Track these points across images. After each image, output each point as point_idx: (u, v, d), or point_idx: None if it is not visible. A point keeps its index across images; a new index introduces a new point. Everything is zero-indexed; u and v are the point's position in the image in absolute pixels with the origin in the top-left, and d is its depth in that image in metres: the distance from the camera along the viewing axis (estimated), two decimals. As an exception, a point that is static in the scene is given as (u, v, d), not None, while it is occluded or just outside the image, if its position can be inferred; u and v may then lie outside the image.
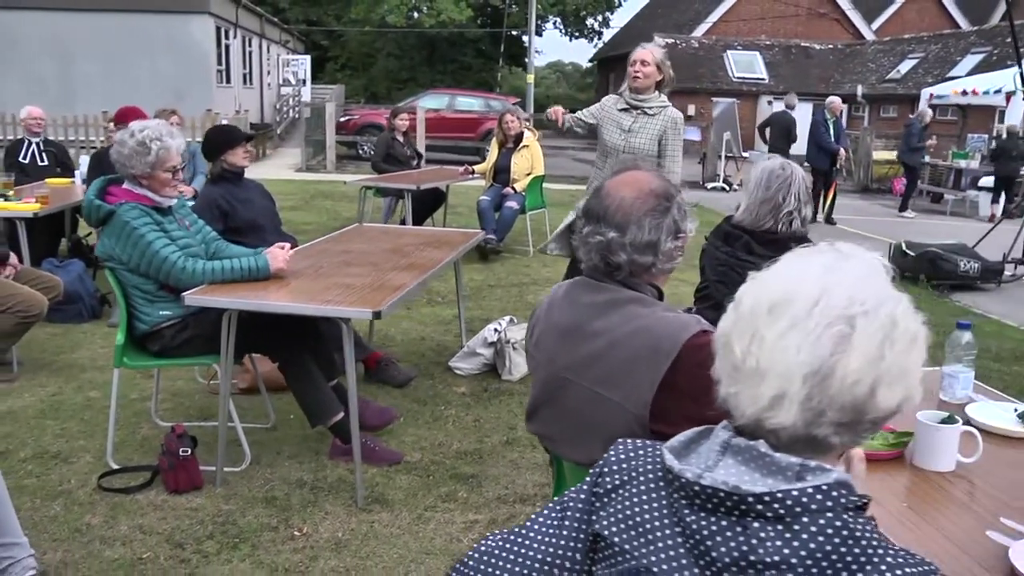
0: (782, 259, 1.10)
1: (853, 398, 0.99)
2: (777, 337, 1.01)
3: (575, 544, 1.14)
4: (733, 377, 1.05)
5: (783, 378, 1.00)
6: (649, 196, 1.73)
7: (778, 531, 0.97)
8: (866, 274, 1.04)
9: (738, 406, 1.04)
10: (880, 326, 1.00)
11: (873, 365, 0.99)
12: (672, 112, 4.32)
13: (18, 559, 2.26)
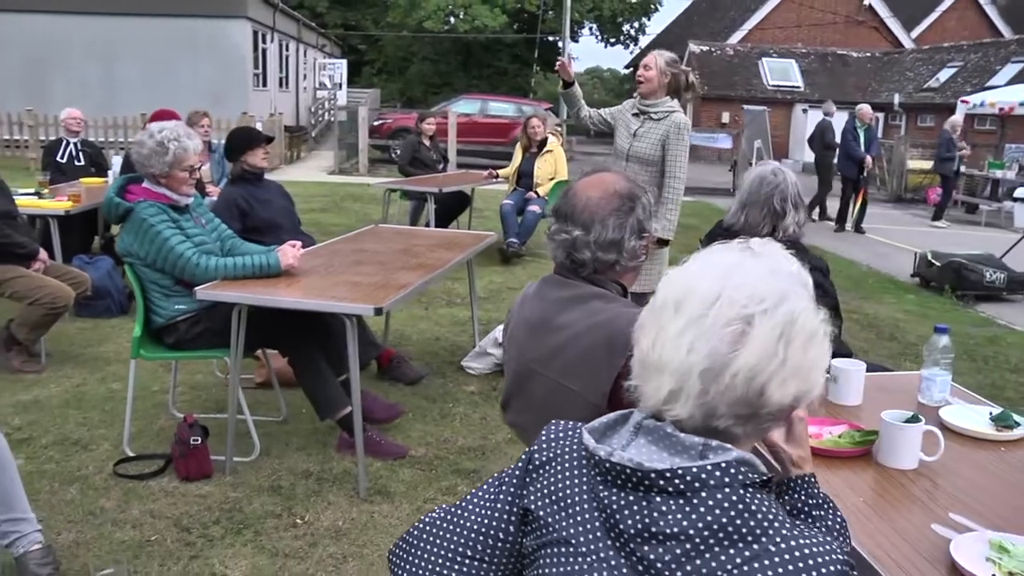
0: (695, 255, 1.17)
1: (745, 393, 1.06)
2: (676, 334, 1.08)
3: (508, 516, 1.23)
4: (639, 369, 1.13)
5: (680, 374, 1.07)
6: (614, 197, 1.81)
7: (679, 505, 1.04)
8: (769, 272, 1.11)
9: (641, 397, 1.12)
10: (777, 324, 1.07)
11: (767, 362, 1.06)
12: (677, 117, 4.32)
13: (25, 533, 2.39)
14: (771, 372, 1.06)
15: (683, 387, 1.07)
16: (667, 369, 1.08)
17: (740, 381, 1.05)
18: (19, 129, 15.48)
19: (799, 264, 1.18)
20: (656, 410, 1.11)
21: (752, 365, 1.05)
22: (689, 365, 1.06)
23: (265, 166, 4.79)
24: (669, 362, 1.08)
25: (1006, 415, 2.25)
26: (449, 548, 1.26)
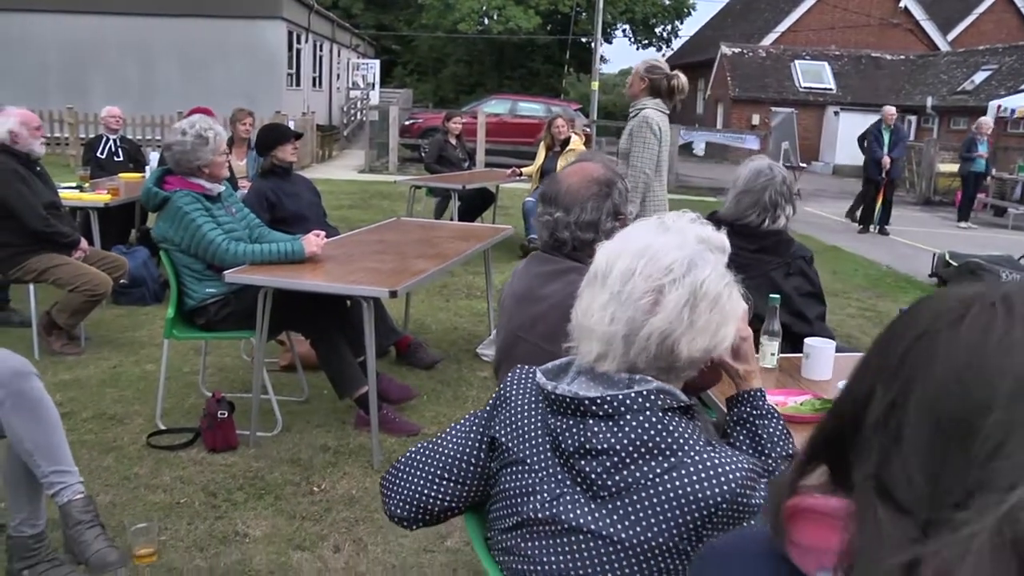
0: (620, 232, 1.38)
1: (659, 352, 1.27)
2: (601, 307, 1.30)
3: (478, 444, 1.45)
4: (576, 331, 1.34)
5: (605, 340, 1.29)
6: (592, 183, 2.02)
7: (608, 426, 1.25)
8: (677, 246, 1.31)
9: (578, 355, 1.34)
10: (684, 292, 1.27)
11: (676, 325, 1.26)
12: (644, 112, 4.60)
13: (69, 484, 2.64)
14: (680, 333, 1.26)
15: (608, 350, 1.28)
16: (595, 336, 1.30)
17: (654, 342, 1.26)
18: (60, 127, 15.98)
19: (712, 231, 1.37)
20: (590, 366, 1.32)
21: (663, 329, 1.26)
22: (613, 332, 1.28)
23: (294, 160, 5.05)
24: (596, 329, 1.29)
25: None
26: (429, 472, 1.48)
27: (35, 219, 4.74)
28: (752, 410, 1.58)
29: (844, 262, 10.14)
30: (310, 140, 17.72)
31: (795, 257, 3.11)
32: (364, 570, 2.85)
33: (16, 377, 2.60)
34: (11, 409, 2.54)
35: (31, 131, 4.76)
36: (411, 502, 1.50)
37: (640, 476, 1.24)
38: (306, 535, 3.04)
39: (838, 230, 12.95)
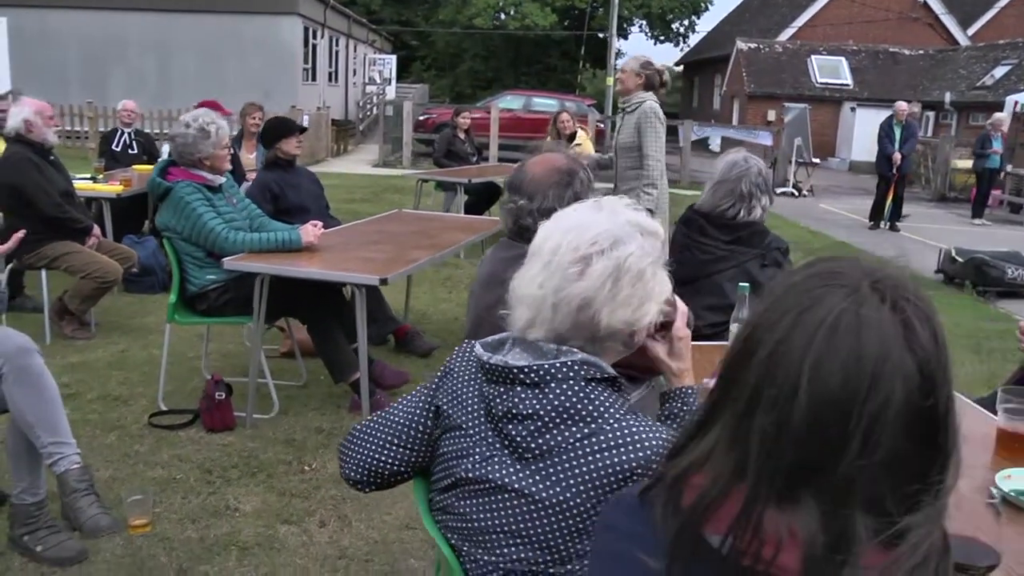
0: (559, 212, 1.49)
1: (582, 318, 1.38)
2: (532, 276, 1.41)
3: (425, 413, 1.56)
4: (511, 301, 1.45)
5: (535, 305, 1.40)
6: (554, 172, 2.13)
7: (533, 393, 1.37)
8: (606, 222, 1.42)
9: (510, 324, 1.45)
10: (608, 264, 1.37)
11: (598, 294, 1.37)
12: (646, 105, 4.84)
13: (66, 455, 2.78)
14: (601, 302, 1.37)
15: (537, 316, 1.40)
16: (525, 301, 1.41)
17: (575, 309, 1.37)
18: (80, 121, 16.23)
19: (643, 216, 1.48)
20: (521, 334, 1.43)
21: (586, 296, 1.36)
22: (541, 298, 1.39)
23: (297, 153, 5.18)
24: (527, 296, 1.41)
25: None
26: (381, 438, 1.60)
27: (49, 205, 4.90)
28: (683, 406, 1.68)
29: (851, 257, 10.17)
30: (325, 135, 17.90)
31: (770, 248, 3.19)
32: (347, 544, 2.97)
33: (19, 353, 2.74)
34: (14, 383, 2.69)
35: (45, 120, 4.92)
36: (364, 466, 1.62)
37: (561, 440, 1.35)
38: (294, 511, 3.18)
39: (849, 226, 12.97)
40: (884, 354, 0.78)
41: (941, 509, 0.77)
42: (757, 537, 0.79)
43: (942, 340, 0.80)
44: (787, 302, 0.84)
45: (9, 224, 4.96)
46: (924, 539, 0.75)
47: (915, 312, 0.80)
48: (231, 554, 2.88)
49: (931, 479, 0.78)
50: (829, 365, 0.78)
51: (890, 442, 0.76)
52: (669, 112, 24.95)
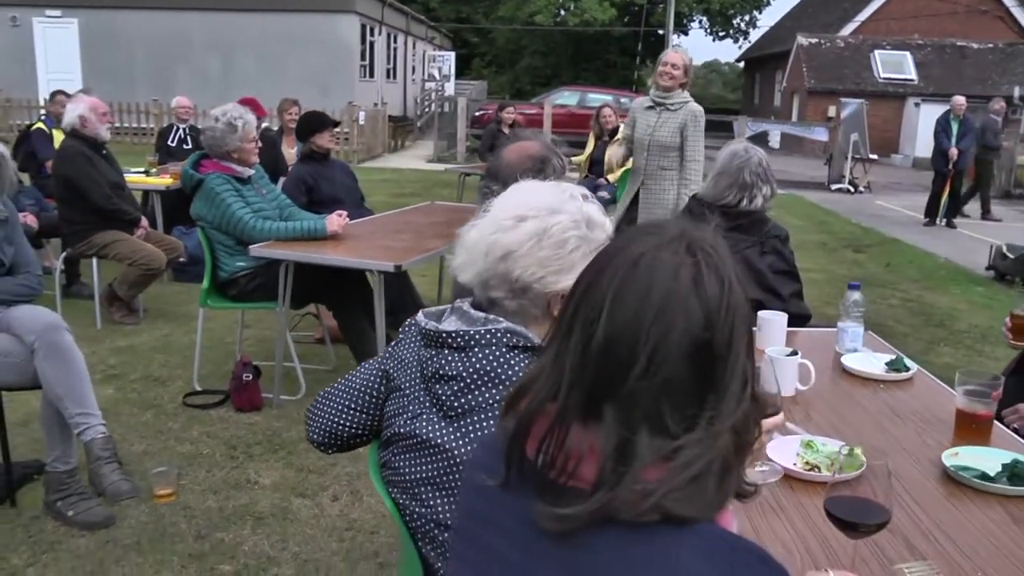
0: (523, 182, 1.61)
1: (501, 268, 1.49)
2: (477, 228, 1.53)
3: (378, 379, 1.70)
4: (456, 249, 1.58)
5: (469, 248, 1.52)
6: (528, 159, 2.25)
7: (459, 356, 1.49)
8: (549, 195, 1.54)
9: (451, 266, 1.58)
10: (538, 226, 1.49)
11: (519, 248, 1.48)
12: (693, 106, 4.78)
13: (92, 425, 2.99)
14: (520, 255, 1.48)
15: (469, 258, 1.52)
16: (465, 245, 1.54)
17: (498, 257, 1.48)
18: (146, 118, 16.83)
19: (595, 209, 1.58)
20: (455, 275, 1.56)
21: (508, 247, 1.48)
22: (475, 242, 1.51)
23: (331, 147, 5.38)
24: (467, 240, 1.53)
25: (899, 361, 2.56)
26: (340, 404, 1.74)
27: (100, 197, 5.17)
28: None
29: (900, 254, 10.02)
30: (382, 131, 18.22)
31: (769, 236, 3.24)
32: (356, 517, 3.13)
33: (49, 330, 2.96)
34: (44, 357, 2.90)
35: (99, 116, 5.19)
36: (325, 429, 1.77)
37: (481, 401, 1.47)
38: (309, 485, 3.35)
39: (904, 223, 12.74)
40: (672, 290, 0.89)
41: (718, 434, 0.87)
42: (563, 451, 0.90)
43: (729, 287, 0.90)
44: (611, 247, 0.96)
45: (62, 213, 5.27)
46: (698, 458, 0.85)
47: (707, 260, 0.91)
48: (247, 523, 3.07)
49: (707, 405, 0.88)
50: (626, 295, 0.90)
51: (671, 367, 0.87)
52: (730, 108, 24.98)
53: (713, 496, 0.86)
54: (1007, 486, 1.79)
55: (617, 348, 0.89)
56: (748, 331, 0.93)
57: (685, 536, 0.84)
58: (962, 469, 1.85)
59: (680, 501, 0.84)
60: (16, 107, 17.26)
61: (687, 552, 0.83)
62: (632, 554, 0.84)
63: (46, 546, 2.84)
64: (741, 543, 0.87)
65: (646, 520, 0.84)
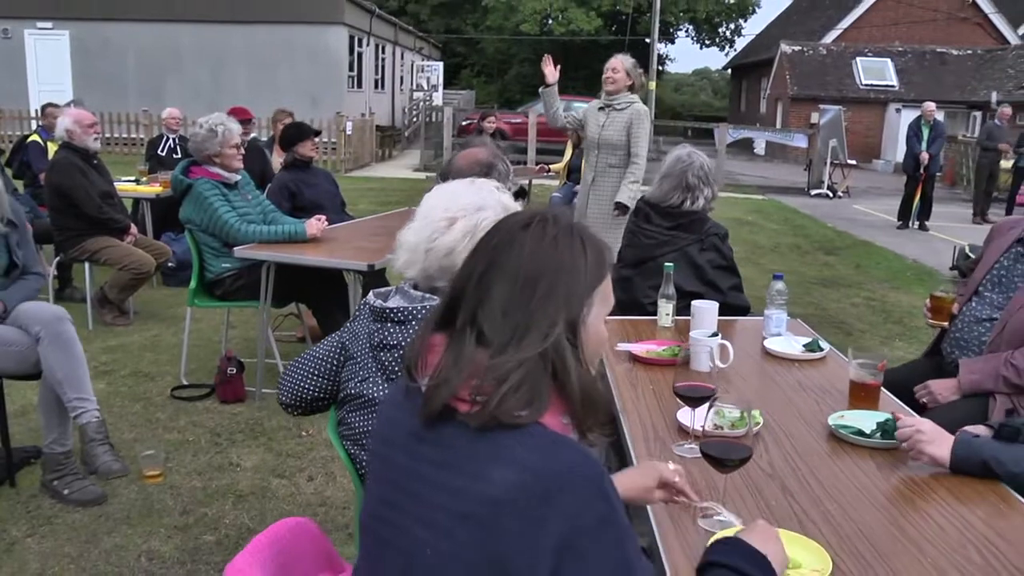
0: (441, 184, 1.89)
1: (444, 264, 1.77)
2: (413, 229, 1.81)
3: (337, 348, 1.98)
4: (396, 251, 1.86)
5: (412, 250, 1.80)
6: (475, 164, 2.53)
7: (400, 328, 1.77)
8: (474, 194, 1.82)
9: (395, 266, 1.85)
10: (467, 227, 1.77)
11: (458, 244, 1.76)
12: (638, 106, 5.16)
13: (87, 409, 3.26)
14: (460, 251, 1.76)
15: (412, 259, 1.80)
16: (406, 246, 1.81)
17: (442, 255, 1.76)
18: (136, 128, 17.08)
19: (507, 196, 1.86)
20: (401, 273, 1.83)
21: (449, 246, 1.76)
22: (416, 244, 1.79)
23: (313, 155, 5.65)
24: (407, 242, 1.81)
25: (814, 343, 2.85)
26: (306, 371, 2.03)
27: (90, 206, 5.43)
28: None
29: (870, 256, 10.34)
30: (369, 140, 18.50)
31: (709, 234, 3.51)
32: (329, 495, 3.40)
33: (54, 320, 3.24)
34: (48, 345, 3.18)
35: (84, 128, 5.46)
36: (292, 392, 2.05)
37: None
38: (287, 467, 3.62)
39: (879, 226, 13.07)
40: (509, 240, 1.22)
41: (526, 358, 1.14)
42: (423, 355, 1.23)
43: (550, 244, 1.21)
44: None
45: (55, 221, 5.53)
46: (510, 372, 1.13)
47: (541, 227, 1.23)
48: (228, 500, 3.33)
49: (528, 332, 1.16)
50: (481, 239, 1.25)
51: (497, 292, 1.18)
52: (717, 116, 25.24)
53: (531, 407, 1.13)
54: (879, 440, 2.07)
55: (466, 275, 1.22)
56: (578, 287, 1.21)
57: (517, 435, 1.12)
58: (842, 427, 2.14)
59: (507, 413, 1.12)
60: (7, 118, 17.50)
61: (519, 446, 1.12)
62: (479, 449, 1.12)
63: (43, 520, 3.11)
64: (560, 437, 1.15)
65: (490, 426, 1.12)
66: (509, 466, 1.10)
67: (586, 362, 1.22)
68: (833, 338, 6.33)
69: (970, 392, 2.86)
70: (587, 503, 1.08)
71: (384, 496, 1.24)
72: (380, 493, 1.26)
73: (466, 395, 1.14)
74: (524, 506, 1.07)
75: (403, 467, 1.21)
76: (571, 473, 1.10)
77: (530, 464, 1.10)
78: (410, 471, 1.20)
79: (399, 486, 1.21)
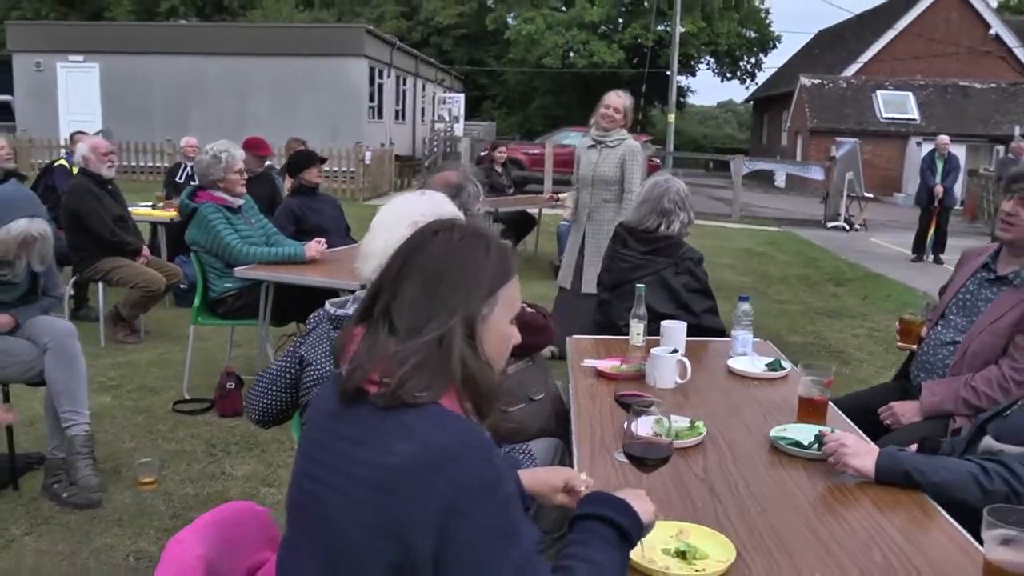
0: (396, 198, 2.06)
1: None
2: (376, 238, 1.97)
3: (293, 360, 2.14)
4: (361, 260, 2.01)
5: (379, 256, 1.95)
6: (446, 186, 2.69)
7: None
8: (430, 203, 1.98)
9: (361, 274, 2.01)
10: None
11: None
12: (630, 142, 5.28)
13: (78, 422, 3.43)
14: None
15: (379, 263, 1.95)
16: (373, 254, 1.97)
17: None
18: (160, 157, 17.52)
19: (454, 206, 2.02)
20: (367, 279, 1.99)
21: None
22: (385, 249, 1.94)
23: (318, 182, 5.86)
24: (375, 251, 1.97)
25: (775, 363, 2.96)
26: (266, 388, 2.20)
27: (103, 229, 5.66)
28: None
29: (880, 288, 10.37)
30: (388, 170, 18.82)
31: (684, 258, 3.64)
32: (316, 503, 3.54)
33: (63, 335, 3.44)
34: (53, 356, 3.37)
35: (99, 156, 5.70)
36: (257, 409, 2.23)
37: None
38: (276, 477, 3.77)
39: (893, 259, 13.08)
40: (420, 244, 1.39)
41: (424, 344, 1.29)
42: (346, 345, 1.37)
43: (455, 247, 1.37)
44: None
45: (71, 242, 5.76)
46: (411, 355, 1.28)
47: (449, 232, 1.40)
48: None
49: (429, 323, 1.31)
50: (401, 244, 1.42)
51: (407, 289, 1.34)
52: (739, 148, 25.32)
53: (430, 389, 1.28)
54: (816, 452, 2.18)
55: (383, 277, 1.39)
56: (478, 286, 1.36)
57: (417, 413, 1.27)
58: (781, 439, 2.25)
59: (408, 393, 1.27)
60: (38, 147, 18.00)
61: (418, 422, 1.26)
62: (385, 426, 1.27)
63: (41, 520, 3.28)
64: (454, 416, 1.29)
65: (394, 405, 1.26)
66: (408, 439, 1.24)
67: (486, 356, 1.36)
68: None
69: (932, 414, 2.95)
70: (473, 471, 1.22)
71: (306, 471, 1.38)
72: (303, 468, 1.40)
73: (376, 378, 1.29)
74: (417, 473, 1.21)
75: (323, 444, 1.35)
76: (461, 445, 1.24)
77: (425, 437, 1.24)
78: (328, 447, 1.34)
79: (318, 460, 1.35)
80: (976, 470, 1.95)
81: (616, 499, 1.44)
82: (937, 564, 1.67)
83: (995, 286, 2.97)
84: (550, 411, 2.80)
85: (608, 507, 1.42)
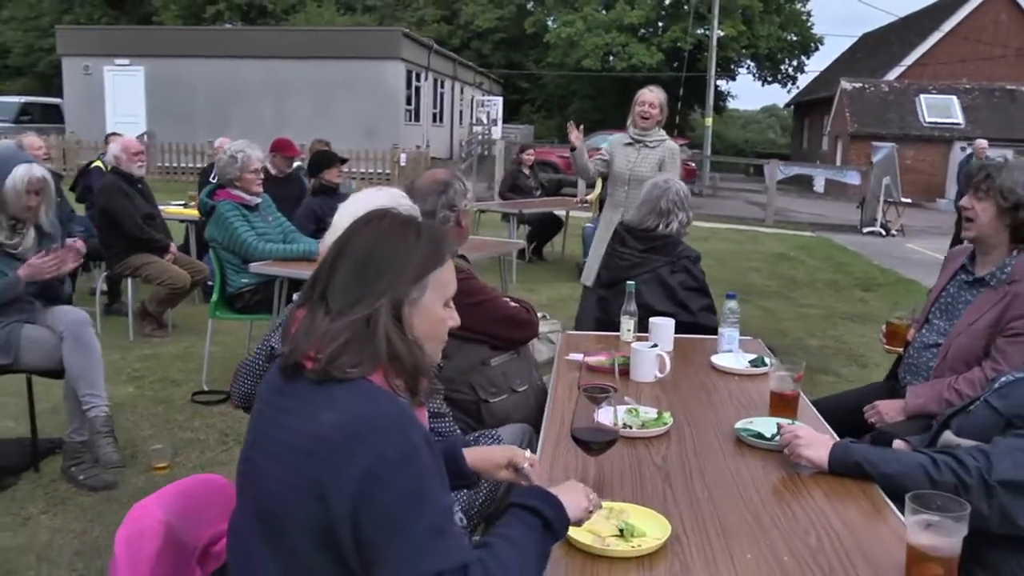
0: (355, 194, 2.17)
1: None
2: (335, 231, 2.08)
3: (265, 351, 2.28)
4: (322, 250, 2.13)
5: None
6: (435, 183, 2.80)
7: None
8: (388, 200, 2.09)
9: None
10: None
11: None
12: (670, 144, 5.21)
13: (97, 404, 3.61)
14: None
15: None
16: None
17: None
18: (201, 158, 17.92)
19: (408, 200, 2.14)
20: None
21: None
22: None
23: (340, 182, 6.02)
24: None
25: (758, 359, 3.02)
26: (244, 375, 2.37)
27: (132, 226, 5.87)
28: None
29: (910, 294, 10.25)
30: (423, 172, 19.02)
31: (681, 257, 3.70)
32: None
33: (78, 324, 3.61)
34: (70, 344, 3.55)
35: (129, 156, 5.92)
36: (238, 396, 2.40)
37: None
38: (284, 465, 3.90)
39: (927, 265, 12.90)
40: (354, 232, 1.51)
41: (351, 323, 1.40)
42: (290, 326, 1.49)
43: (384, 234, 1.48)
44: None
45: (102, 239, 5.98)
46: (339, 333, 1.39)
47: (379, 220, 1.51)
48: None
49: (357, 305, 1.42)
50: (337, 236, 1.53)
51: (341, 273, 1.45)
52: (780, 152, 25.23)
53: (359, 366, 1.39)
54: (776, 443, 2.24)
55: (323, 259, 1.52)
56: (405, 270, 1.46)
57: (346, 387, 1.38)
58: (744, 431, 2.32)
59: (339, 368, 1.38)
60: (85, 148, 18.52)
61: (345, 395, 1.37)
62: (316, 398, 1.38)
63: (58, 500, 3.46)
64: (380, 391, 1.40)
65: (325, 379, 1.38)
66: (335, 411, 1.35)
67: (415, 337, 1.47)
68: (846, 369, 6.45)
69: (915, 414, 2.99)
70: (391, 441, 1.33)
71: (250, 440, 1.50)
72: (248, 438, 1.52)
73: (312, 354, 1.40)
74: (339, 441, 1.33)
75: (265, 415, 1.47)
76: (381, 417, 1.35)
77: (349, 409, 1.35)
78: (268, 418, 1.46)
79: (260, 431, 1.47)
80: (926, 462, 2.00)
81: (547, 493, 1.53)
82: (866, 547, 1.73)
83: (974, 288, 3.00)
84: (533, 403, 2.89)
85: (538, 499, 1.51)
